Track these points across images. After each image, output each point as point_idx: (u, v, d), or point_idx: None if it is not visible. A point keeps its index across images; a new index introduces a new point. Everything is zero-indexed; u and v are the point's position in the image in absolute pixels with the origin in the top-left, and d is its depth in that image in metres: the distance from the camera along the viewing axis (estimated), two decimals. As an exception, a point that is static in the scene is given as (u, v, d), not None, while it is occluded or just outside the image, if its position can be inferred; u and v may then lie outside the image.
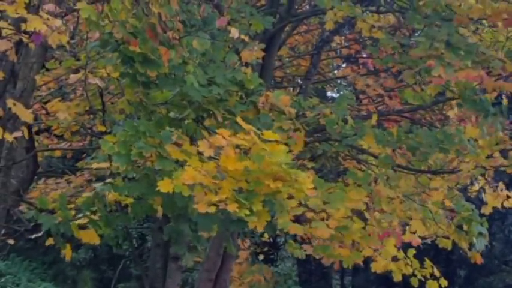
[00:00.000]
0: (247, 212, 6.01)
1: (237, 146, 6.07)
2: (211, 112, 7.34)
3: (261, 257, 16.71)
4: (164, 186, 6.22)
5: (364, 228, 8.36)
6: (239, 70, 7.50)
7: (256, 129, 6.17)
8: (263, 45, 8.14)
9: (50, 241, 7.92)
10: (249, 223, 6.28)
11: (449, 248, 9.85)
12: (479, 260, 9.82)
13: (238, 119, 6.25)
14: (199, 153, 6.35)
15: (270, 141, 6.07)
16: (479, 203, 10.38)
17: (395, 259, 10.34)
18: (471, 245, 9.56)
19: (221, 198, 5.97)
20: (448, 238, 9.77)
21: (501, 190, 10.24)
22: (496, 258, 25.01)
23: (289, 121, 8.04)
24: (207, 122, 7.43)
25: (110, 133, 7.61)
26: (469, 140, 8.93)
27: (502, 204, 10.20)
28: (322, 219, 7.80)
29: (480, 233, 9.26)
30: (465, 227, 9.42)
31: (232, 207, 5.97)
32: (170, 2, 6.46)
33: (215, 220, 6.83)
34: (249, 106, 7.48)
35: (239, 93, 7.46)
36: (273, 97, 7.63)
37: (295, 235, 11.15)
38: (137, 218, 8.04)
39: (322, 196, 7.69)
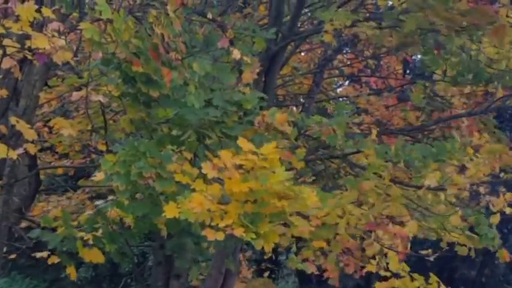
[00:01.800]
0: (254, 236, 5.98)
1: (240, 167, 6.05)
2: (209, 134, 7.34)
3: (265, 274, 16.66)
4: (170, 211, 6.18)
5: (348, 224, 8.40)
6: (237, 91, 7.49)
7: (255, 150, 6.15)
8: (260, 67, 8.15)
9: (52, 259, 7.91)
10: (255, 244, 6.26)
11: (466, 253, 9.79)
12: (507, 257, 9.79)
13: (240, 140, 6.20)
14: (202, 175, 6.33)
15: (267, 158, 6.04)
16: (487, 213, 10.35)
17: (398, 276, 10.33)
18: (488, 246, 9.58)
19: (227, 223, 5.95)
20: (461, 245, 9.75)
21: (504, 195, 10.18)
22: (498, 276, 24.93)
23: (285, 140, 8.03)
24: (208, 141, 7.41)
25: (111, 151, 7.61)
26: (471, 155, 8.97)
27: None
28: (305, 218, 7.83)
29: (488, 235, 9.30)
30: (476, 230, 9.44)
31: (238, 232, 5.94)
32: (173, 24, 6.47)
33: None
34: (247, 125, 7.47)
35: (237, 114, 7.44)
36: (268, 116, 7.61)
37: (297, 252, 11.18)
38: (140, 235, 8.01)
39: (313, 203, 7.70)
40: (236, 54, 7.14)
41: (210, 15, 7.30)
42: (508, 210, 9.58)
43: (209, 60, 7.18)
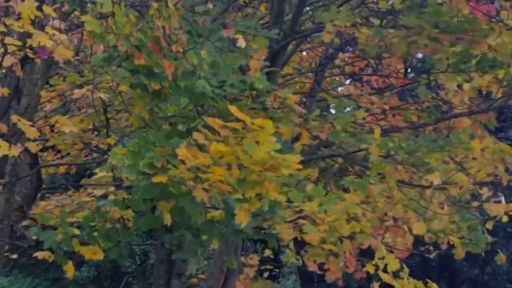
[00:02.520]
0: (241, 196, 6.01)
1: (231, 134, 6.04)
2: (221, 118, 7.32)
3: (266, 273, 16.63)
4: (158, 178, 6.25)
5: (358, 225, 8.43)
6: (249, 76, 7.50)
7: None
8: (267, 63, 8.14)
9: (53, 257, 7.93)
10: (236, 217, 6.26)
11: (462, 256, 9.79)
12: (504, 259, 9.82)
13: (232, 108, 6.17)
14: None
15: (262, 127, 6.04)
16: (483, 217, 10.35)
17: (397, 276, 10.35)
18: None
19: (214, 179, 5.98)
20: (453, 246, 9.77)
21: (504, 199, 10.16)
22: (501, 275, 24.96)
23: (299, 118, 8.04)
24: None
25: (114, 146, 7.61)
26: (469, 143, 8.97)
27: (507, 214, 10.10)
28: (314, 223, 7.86)
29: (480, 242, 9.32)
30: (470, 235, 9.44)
31: (226, 188, 5.99)
32: (171, 17, 6.48)
33: (217, 229, 6.84)
34: (259, 106, 7.48)
35: (250, 96, 7.46)
36: (281, 95, 7.63)
37: (297, 250, 11.22)
38: (139, 232, 8.02)
39: (318, 202, 7.73)
40: (242, 42, 7.12)
41: (210, 5, 7.29)
42: (505, 219, 9.59)
43: (214, 50, 7.18)
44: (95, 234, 7.62)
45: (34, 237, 7.96)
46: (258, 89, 7.28)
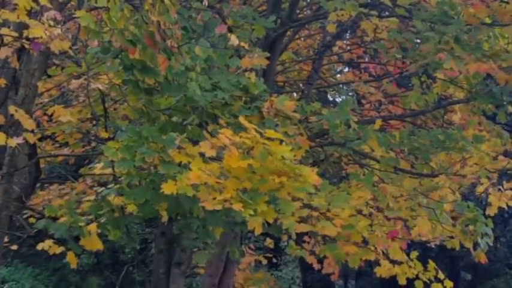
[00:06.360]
0: (252, 212, 6.02)
1: (240, 146, 6.07)
2: (215, 117, 7.34)
3: (265, 261, 16.64)
4: (168, 188, 6.26)
5: (371, 226, 8.42)
6: (243, 75, 7.49)
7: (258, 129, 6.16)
8: (267, 54, 8.12)
9: (54, 249, 7.93)
10: (249, 224, 6.29)
11: (457, 247, 9.77)
12: (484, 259, 9.78)
13: (241, 118, 6.22)
14: (202, 155, 6.35)
15: (272, 139, 6.07)
16: (483, 205, 10.33)
17: (398, 262, 10.35)
18: (475, 245, 9.54)
19: (225, 197, 5.99)
20: (453, 238, 9.73)
21: (505, 190, 10.15)
22: (500, 261, 25.00)
23: (294, 126, 8.04)
24: (210, 127, 7.42)
25: (112, 139, 7.61)
26: (472, 142, 8.93)
27: (507, 204, 10.07)
28: (328, 219, 7.87)
29: (485, 234, 9.25)
30: (470, 227, 9.37)
31: (237, 206, 5.99)
32: (169, 11, 6.46)
33: (221, 219, 6.86)
34: (254, 111, 7.47)
35: (243, 99, 7.45)
36: (277, 102, 7.62)
37: (297, 240, 11.20)
38: (145, 217, 8.04)
39: (326, 197, 7.73)
40: (234, 40, 7.12)
41: (205, 2, 7.28)
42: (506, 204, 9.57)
43: (208, 46, 7.17)
44: (102, 221, 7.64)
45: (35, 230, 7.96)
46: (252, 94, 7.29)
